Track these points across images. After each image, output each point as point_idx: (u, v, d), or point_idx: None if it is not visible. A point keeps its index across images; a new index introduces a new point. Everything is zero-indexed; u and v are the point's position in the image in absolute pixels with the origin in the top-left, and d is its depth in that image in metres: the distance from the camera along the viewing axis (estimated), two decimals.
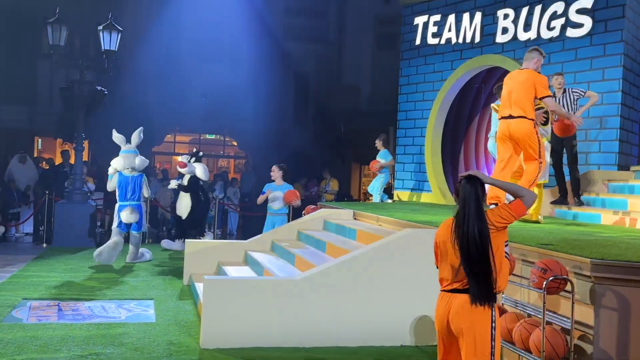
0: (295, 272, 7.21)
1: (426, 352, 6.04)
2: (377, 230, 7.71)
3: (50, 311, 7.00)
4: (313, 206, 11.16)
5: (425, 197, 13.15)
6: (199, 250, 9.15)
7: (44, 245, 12.57)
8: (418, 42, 13.53)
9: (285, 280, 6.28)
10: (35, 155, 19.10)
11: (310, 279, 6.14)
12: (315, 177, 16.71)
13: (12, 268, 9.75)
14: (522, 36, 11.26)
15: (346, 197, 17.65)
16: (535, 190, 7.33)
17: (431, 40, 13.23)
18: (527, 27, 11.17)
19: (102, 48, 12.46)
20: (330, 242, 7.85)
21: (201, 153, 11.66)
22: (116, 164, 10.84)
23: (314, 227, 9.40)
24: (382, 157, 12.26)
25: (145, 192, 10.91)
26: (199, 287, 7.60)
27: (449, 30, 12.80)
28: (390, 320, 6.17)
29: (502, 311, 5.09)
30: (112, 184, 10.84)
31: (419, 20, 13.50)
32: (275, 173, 10.62)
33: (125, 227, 10.75)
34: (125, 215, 10.54)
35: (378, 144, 12.44)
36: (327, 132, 21.75)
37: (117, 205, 10.77)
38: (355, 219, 9.31)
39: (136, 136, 10.91)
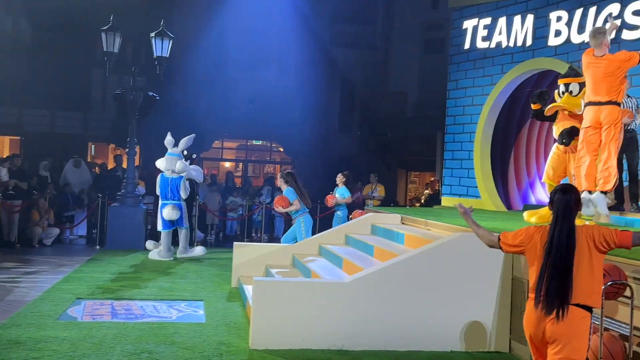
0: (343, 276, 7.19)
1: (476, 357, 5.95)
2: (426, 234, 7.64)
3: (104, 310, 7.17)
4: (360, 210, 11.17)
5: (473, 203, 12.97)
6: (247, 254, 9.25)
7: (97, 247, 12.89)
8: (467, 46, 13.39)
9: (334, 283, 6.30)
10: (89, 160, 19.65)
11: (359, 282, 6.12)
12: (361, 183, 16.66)
13: (66, 269, 10.04)
14: (576, 39, 11.03)
15: (392, 203, 17.55)
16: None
17: (481, 44, 13.08)
18: (580, 29, 10.93)
19: (154, 54, 12.74)
20: (377, 246, 7.83)
21: (195, 156, 11.86)
22: (158, 164, 11.32)
23: (361, 231, 9.39)
24: (340, 194, 12.04)
25: (183, 194, 11.20)
26: (248, 289, 7.67)
27: (500, 33, 12.64)
28: (439, 325, 6.10)
29: None
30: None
31: (468, 24, 13.37)
32: (339, 179, 11.82)
33: (169, 225, 11.19)
34: (166, 212, 11.03)
35: (339, 179, 12.16)
36: (372, 138, 21.71)
37: (159, 205, 11.33)
38: (402, 223, 9.25)
39: (184, 142, 11.29)
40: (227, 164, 24.76)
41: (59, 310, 7.03)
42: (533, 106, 7.74)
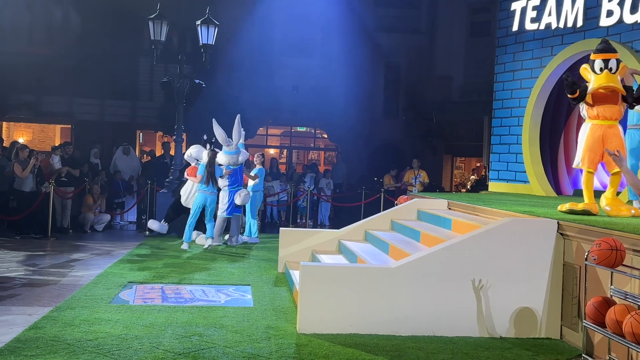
0: (389, 261, 7.17)
1: (527, 344, 5.86)
2: (474, 219, 7.53)
3: (155, 294, 7.32)
4: (406, 196, 11.09)
5: (522, 189, 12.75)
6: (293, 239, 9.31)
7: (147, 232, 13.16)
8: (515, 28, 13.10)
9: (380, 268, 6.26)
10: (138, 147, 20.05)
11: (406, 268, 6.09)
12: (406, 168, 16.58)
13: (118, 253, 10.29)
14: (629, 19, 10.65)
15: (438, 189, 17.40)
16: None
17: (529, 26, 12.78)
18: (633, 9, 10.54)
19: (200, 42, 12.86)
20: (424, 231, 7.77)
21: (205, 136, 11.88)
22: (221, 160, 11.26)
23: (407, 216, 9.33)
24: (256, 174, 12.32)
25: (221, 183, 11.32)
26: (294, 274, 7.73)
27: (549, 14, 12.31)
28: (489, 311, 6.03)
29: (611, 303, 4.86)
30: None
31: (517, 5, 13.06)
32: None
33: (234, 211, 11.45)
34: (242, 198, 11.25)
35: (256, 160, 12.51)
36: (417, 123, 21.54)
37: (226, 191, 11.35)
38: (449, 208, 9.14)
39: (236, 132, 11.21)
40: (272, 151, 24.92)
41: (112, 293, 7.21)
42: (572, 96, 7.31)
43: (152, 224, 11.87)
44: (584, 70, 7.17)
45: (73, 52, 19.65)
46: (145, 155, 18.06)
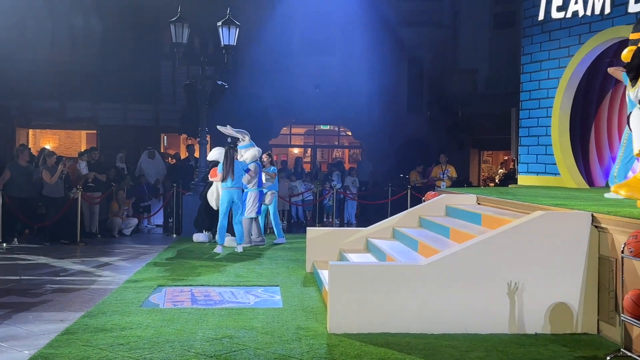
0: (419, 258, 7.14)
1: (563, 339, 5.78)
2: (504, 214, 7.45)
3: (184, 297, 7.38)
4: (433, 192, 11.03)
5: (552, 181, 12.58)
6: (320, 238, 9.31)
7: (174, 235, 13.28)
8: (541, 17, 12.92)
9: (410, 266, 6.24)
10: (162, 151, 20.23)
11: (436, 265, 6.06)
12: (433, 163, 16.50)
13: (146, 257, 10.40)
14: None
15: (465, 184, 17.28)
16: None
17: (556, 14, 12.59)
18: None
19: (222, 43, 12.92)
20: (453, 227, 7.72)
21: (229, 139, 11.93)
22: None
23: (435, 213, 9.27)
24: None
25: (245, 179, 11.40)
26: (323, 274, 7.75)
27: (576, 2, 12.11)
28: (523, 307, 5.97)
29: None
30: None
31: None
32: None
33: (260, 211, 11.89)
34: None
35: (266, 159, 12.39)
36: (443, 117, 21.41)
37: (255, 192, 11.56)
38: (478, 203, 9.08)
39: (239, 134, 11.61)
40: (296, 150, 24.96)
41: (142, 297, 7.29)
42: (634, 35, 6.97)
43: (197, 237, 12.10)
44: (630, 51, 6.95)
45: (95, 58, 19.94)
46: (170, 159, 18.21)
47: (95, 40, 20.26)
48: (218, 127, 11.72)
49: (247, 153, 11.50)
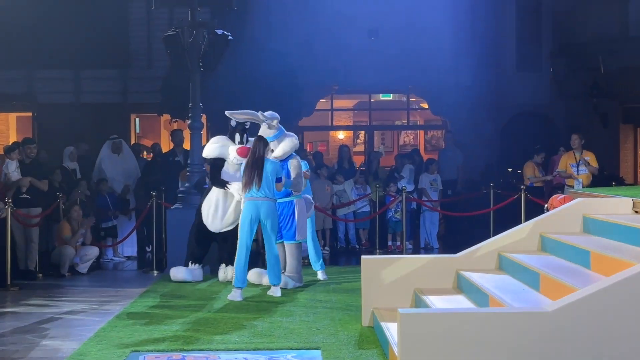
0: (541, 301, 7.16)
1: None
2: None
3: None
4: (561, 195, 10.97)
5: None
6: (384, 272, 9.29)
7: (154, 272, 13.36)
8: None
9: (530, 314, 6.27)
10: (133, 141, 20.32)
11: (570, 310, 6.09)
12: (563, 149, 16.28)
13: (113, 307, 10.46)
14: None
15: (614, 181, 17.03)
16: None
17: None
18: None
19: None
20: (596, 250, 7.72)
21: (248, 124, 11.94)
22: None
23: (566, 228, 9.21)
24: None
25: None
26: (389, 328, 7.77)
27: None
28: None
29: None
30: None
31: None
32: None
33: None
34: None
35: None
36: (574, 76, 21.23)
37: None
38: (635, 212, 8.99)
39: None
40: (341, 134, 24.98)
41: None
42: None
43: (176, 273, 12.20)
44: None
45: (30, 2, 20.17)
46: (145, 153, 18.37)
47: None
48: (227, 113, 11.77)
49: (279, 147, 11.51)
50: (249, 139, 11.63)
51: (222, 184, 11.83)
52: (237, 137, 11.76)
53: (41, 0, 19.99)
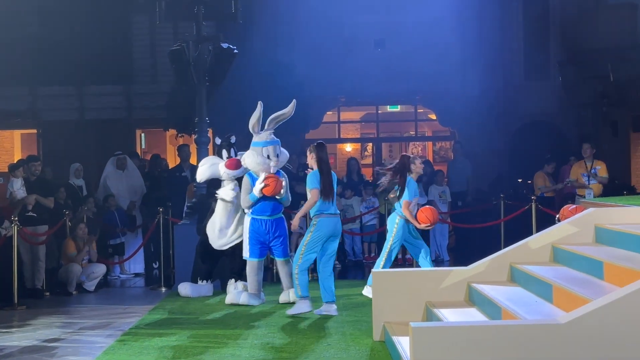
0: (554, 313, 7.14)
1: None
2: None
3: None
4: (573, 206, 10.98)
5: None
6: (394, 286, 9.30)
7: (162, 289, 13.38)
8: None
9: (543, 326, 6.21)
10: (140, 156, 20.28)
11: (584, 322, 6.05)
12: (574, 158, 16.27)
13: (121, 325, 10.47)
14: None
15: (625, 190, 17.00)
16: None
17: None
18: None
19: None
20: (609, 261, 7.69)
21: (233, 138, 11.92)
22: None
23: (578, 238, 9.20)
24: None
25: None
26: (401, 342, 7.76)
27: None
28: None
29: None
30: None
31: None
32: None
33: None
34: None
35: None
36: (583, 85, 21.18)
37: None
38: None
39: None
40: (348, 147, 24.98)
41: None
42: None
43: (185, 289, 12.24)
44: None
45: (33, 17, 20.23)
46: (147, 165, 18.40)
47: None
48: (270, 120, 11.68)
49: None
50: (238, 152, 11.65)
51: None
52: (225, 153, 11.79)
53: (44, 17, 20.11)
